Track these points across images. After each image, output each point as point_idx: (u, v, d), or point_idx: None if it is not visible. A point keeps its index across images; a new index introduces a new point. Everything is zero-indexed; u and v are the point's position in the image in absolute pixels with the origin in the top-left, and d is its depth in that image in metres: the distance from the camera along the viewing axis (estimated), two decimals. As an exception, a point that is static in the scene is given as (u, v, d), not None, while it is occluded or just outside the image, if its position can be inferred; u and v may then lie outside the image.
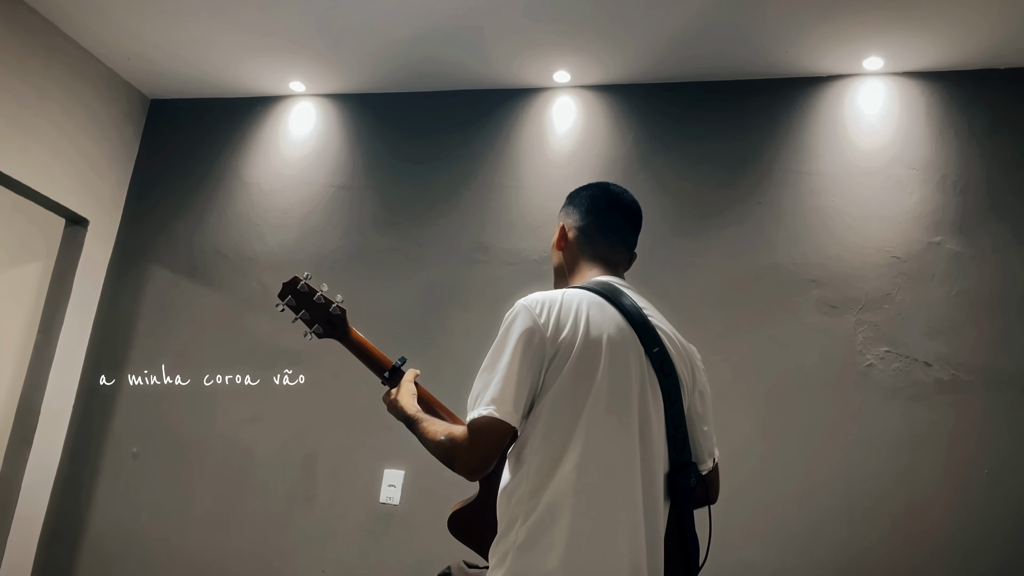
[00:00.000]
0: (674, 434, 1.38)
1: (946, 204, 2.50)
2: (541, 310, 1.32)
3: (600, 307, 1.36)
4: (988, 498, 2.25)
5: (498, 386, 1.27)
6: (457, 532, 1.54)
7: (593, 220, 1.51)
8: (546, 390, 1.30)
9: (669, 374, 1.38)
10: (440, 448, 1.34)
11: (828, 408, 2.42)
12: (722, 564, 2.38)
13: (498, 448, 1.27)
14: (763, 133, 2.72)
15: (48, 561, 2.98)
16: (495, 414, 1.25)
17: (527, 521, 1.25)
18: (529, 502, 1.26)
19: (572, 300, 1.35)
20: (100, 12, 2.87)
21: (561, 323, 1.32)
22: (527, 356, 1.29)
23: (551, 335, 1.30)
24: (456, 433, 1.32)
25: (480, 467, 1.28)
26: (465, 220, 2.91)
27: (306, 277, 1.68)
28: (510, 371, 1.27)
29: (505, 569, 1.24)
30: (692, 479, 1.39)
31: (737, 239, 2.64)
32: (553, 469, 1.26)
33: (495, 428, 1.26)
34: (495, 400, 1.26)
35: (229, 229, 3.17)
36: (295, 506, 2.78)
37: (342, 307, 1.68)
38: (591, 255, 1.50)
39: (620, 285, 1.45)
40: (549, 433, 1.28)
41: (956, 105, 2.58)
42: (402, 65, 2.97)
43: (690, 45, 2.66)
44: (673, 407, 1.38)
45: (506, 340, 1.31)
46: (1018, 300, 2.37)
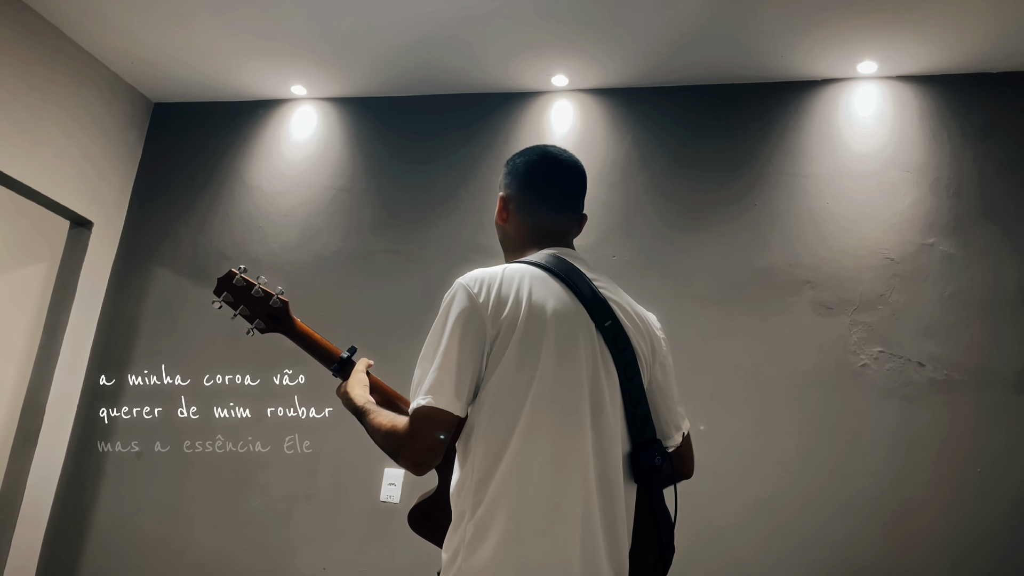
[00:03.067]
0: (634, 411, 1.28)
1: (939, 206, 2.53)
2: (480, 288, 1.23)
3: (544, 281, 1.27)
4: (981, 497, 2.27)
5: (435, 373, 1.18)
6: (417, 528, 1.45)
7: (533, 188, 1.39)
8: (490, 373, 1.21)
9: (624, 348, 1.28)
10: (384, 440, 1.26)
11: (822, 408, 2.44)
12: (717, 562, 2.41)
13: (441, 438, 1.18)
14: (758, 136, 2.75)
15: (52, 559, 3.01)
16: (433, 403, 1.17)
17: (475, 515, 1.18)
18: (476, 495, 1.19)
19: (513, 276, 1.26)
20: (104, 16, 2.90)
21: (501, 300, 1.22)
22: (466, 338, 1.20)
23: (491, 314, 1.21)
24: (399, 425, 1.23)
25: (424, 460, 1.20)
26: (464, 222, 2.94)
27: (241, 270, 1.60)
28: (447, 356, 1.19)
29: (457, 566, 1.18)
30: (656, 457, 1.29)
31: (732, 241, 2.67)
32: (498, 458, 1.18)
33: (435, 418, 1.17)
34: (432, 388, 1.18)
35: (231, 231, 3.20)
36: (296, 505, 2.81)
37: (283, 299, 1.59)
38: (535, 225, 1.39)
39: (568, 257, 1.34)
40: (493, 420, 1.20)
41: (949, 109, 2.60)
42: (402, 69, 3.00)
43: (686, 49, 2.69)
44: (631, 383, 1.28)
45: (444, 323, 1.22)
46: (1010, 301, 2.40)
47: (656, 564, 1.34)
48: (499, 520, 1.16)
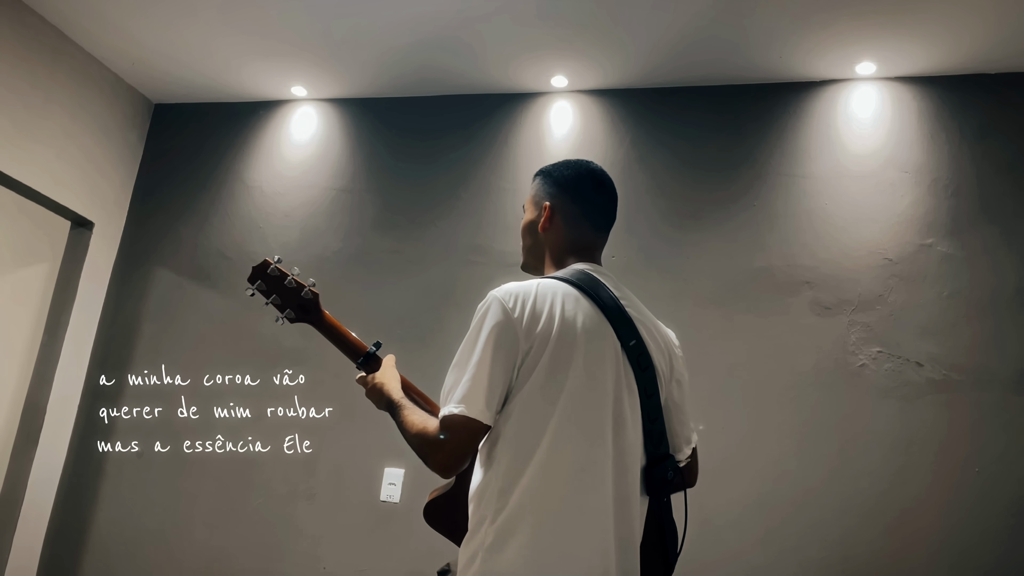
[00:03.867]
0: (651, 428, 1.34)
1: (938, 207, 2.54)
2: (515, 303, 1.27)
3: (575, 299, 1.31)
4: (980, 496, 2.27)
5: (469, 383, 1.22)
6: (432, 521, 1.49)
7: (581, 205, 1.44)
8: (519, 386, 1.25)
9: (646, 368, 1.33)
10: (415, 441, 1.30)
11: (821, 408, 2.45)
12: (716, 562, 2.41)
13: (470, 446, 1.24)
14: (757, 137, 2.75)
15: (53, 559, 3.01)
16: (466, 412, 1.21)
17: (495, 521, 1.21)
18: (498, 501, 1.22)
19: (547, 292, 1.30)
20: (105, 18, 2.91)
21: (535, 316, 1.26)
22: (499, 351, 1.24)
23: (525, 329, 1.25)
24: (430, 428, 1.27)
25: (453, 465, 1.24)
26: (463, 222, 2.95)
27: (276, 260, 1.62)
28: (481, 367, 1.23)
29: (474, 570, 1.21)
30: (669, 472, 1.35)
31: (731, 241, 2.68)
32: (523, 468, 1.23)
33: (466, 426, 1.22)
34: (466, 398, 1.22)
35: (232, 231, 3.21)
36: (296, 504, 2.82)
37: (314, 291, 1.62)
38: (574, 240, 1.44)
39: (597, 273, 1.39)
40: (520, 431, 1.24)
41: (947, 109, 2.61)
42: (402, 70, 3.00)
43: (685, 51, 2.70)
44: (650, 401, 1.34)
45: (478, 334, 1.26)
46: (1009, 301, 2.40)
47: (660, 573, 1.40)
48: (521, 528, 1.21)
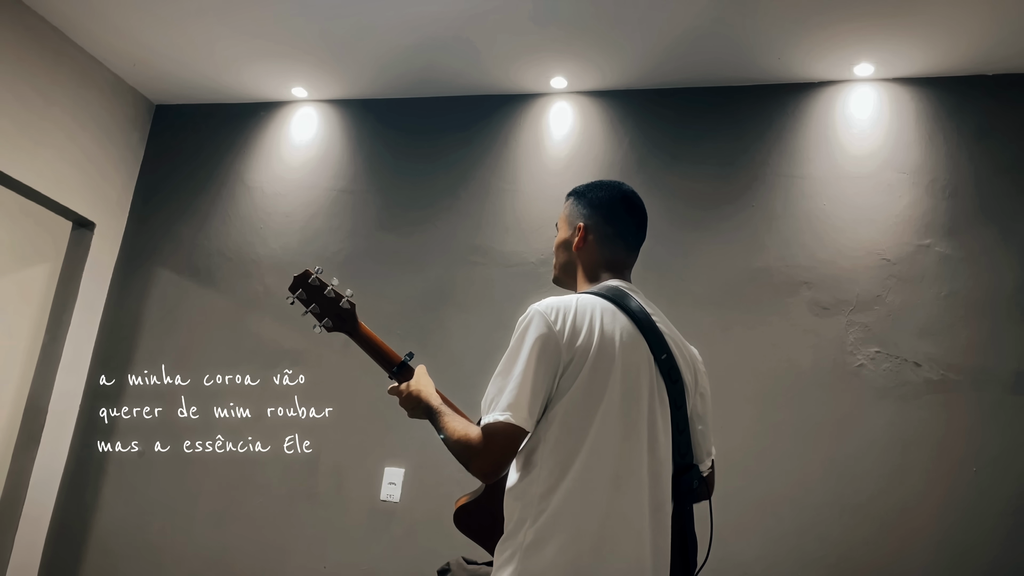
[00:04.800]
0: (678, 438, 1.41)
1: (935, 207, 2.55)
2: (556, 316, 1.34)
3: (612, 314, 1.39)
4: (977, 496, 2.28)
5: (514, 392, 1.28)
6: (462, 526, 1.55)
7: (614, 226, 1.52)
8: (560, 395, 1.32)
9: (676, 380, 1.41)
10: (457, 447, 1.34)
11: (820, 408, 2.46)
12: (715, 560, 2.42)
13: (512, 453, 1.29)
14: (756, 138, 2.76)
15: (55, 558, 3.02)
16: (511, 420, 1.26)
17: (536, 523, 1.27)
18: (539, 504, 1.28)
19: (586, 307, 1.37)
20: (106, 19, 2.93)
21: (576, 330, 1.33)
22: (542, 362, 1.30)
23: (566, 341, 1.32)
24: (472, 435, 1.31)
25: (494, 471, 1.30)
26: (463, 223, 2.96)
27: (317, 271, 1.68)
28: (525, 377, 1.29)
29: (512, 568, 1.26)
30: (695, 481, 1.42)
31: (730, 242, 2.68)
32: (564, 473, 1.29)
33: (510, 434, 1.27)
34: (511, 406, 1.27)
35: (232, 232, 3.22)
36: (297, 504, 2.83)
37: (352, 301, 1.68)
38: (607, 259, 1.51)
39: (628, 289, 1.47)
40: (562, 438, 1.30)
41: (945, 110, 2.62)
42: (403, 71, 3.02)
43: (685, 52, 2.71)
44: (678, 412, 1.41)
45: (521, 345, 1.32)
46: (1006, 301, 2.41)
47: None
48: (561, 530, 1.26)
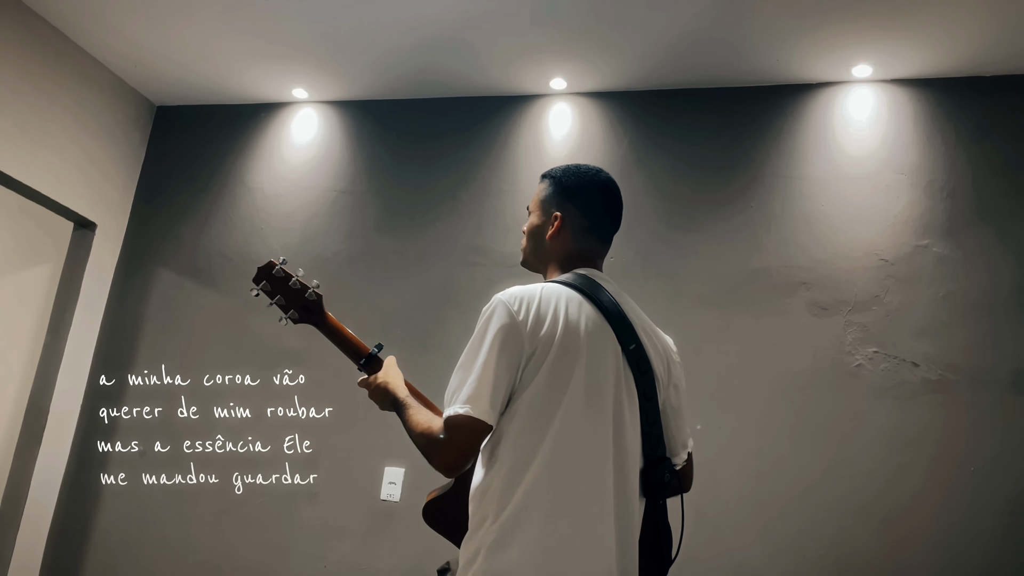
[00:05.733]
0: (648, 430, 1.37)
1: (933, 208, 2.55)
2: (519, 306, 1.30)
3: (578, 303, 1.34)
4: (975, 495, 2.29)
5: (474, 384, 1.24)
6: (431, 521, 1.52)
7: (591, 219, 1.47)
8: (523, 387, 1.28)
9: (645, 371, 1.36)
10: (420, 440, 1.31)
11: (818, 408, 2.46)
12: (713, 560, 2.43)
13: (474, 446, 1.25)
14: (754, 139, 2.77)
15: (56, 558, 3.03)
16: (471, 413, 1.23)
17: (498, 520, 1.24)
18: (500, 500, 1.25)
19: (551, 296, 1.33)
20: (107, 20, 2.94)
21: (540, 319, 1.29)
22: (504, 353, 1.26)
23: (529, 332, 1.28)
24: (435, 428, 1.28)
25: (457, 465, 1.26)
26: (463, 223, 2.97)
27: (281, 262, 1.64)
28: (486, 368, 1.25)
29: (475, 568, 1.23)
30: (666, 474, 1.38)
31: (729, 242, 2.69)
32: (525, 468, 1.25)
33: (471, 427, 1.23)
34: (470, 399, 1.24)
35: (233, 232, 3.23)
36: (297, 503, 2.84)
37: (318, 292, 1.64)
38: (582, 249, 1.46)
39: (598, 278, 1.42)
40: (523, 432, 1.27)
41: (943, 111, 2.63)
42: (403, 73, 3.03)
43: (684, 53, 2.72)
44: (648, 404, 1.37)
45: (484, 336, 1.28)
46: (1004, 302, 2.42)
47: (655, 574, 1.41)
48: (524, 526, 1.23)
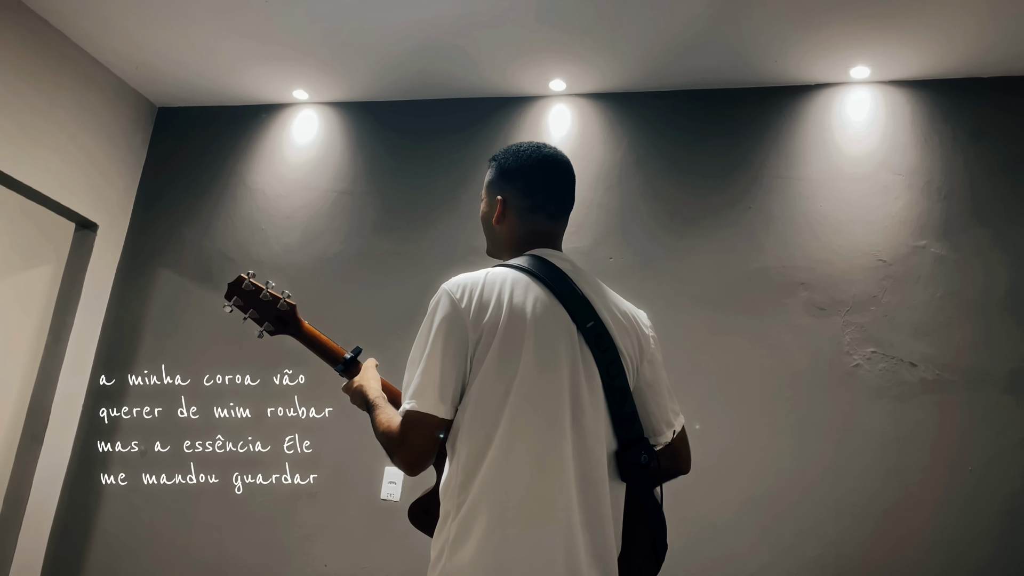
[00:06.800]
0: (619, 411, 1.30)
1: (931, 209, 2.57)
2: (462, 293, 1.26)
3: (525, 285, 1.29)
4: (972, 495, 2.30)
5: (419, 378, 1.22)
6: (415, 521, 1.50)
7: (533, 197, 1.39)
8: (472, 377, 1.24)
9: (606, 349, 1.30)
10: (382, 440, 1.28)
11: (816, 407, 2.47)
12: (712, 559, 2.44)
13: (429, 442, 1.22)
14: (753, 140, 2.78)
15: (58, 557, 3.05)
16: (416, 407, 1.21)
17: (458, 515, 1.20)
18: (459, 495, 1.21)
19: (495, 280, 1.28)
20: (108, 22, 2.95)
21: (483, 305, 1.25)
22: (449, 343, 1.23)
23: (473, 319, 1.24)
24: (393, 426, 1.25)
25: (415, 462, 1.23)
26: (462, 224, 2.98)
27: (250, 275, 1.65)
28: (431, 361, 1.22)
29: (441, 566, 1.20)
30: (642, 455, 1.29)
31: (727, 243, 2.70)
32: (479, 460, 1.21)
33: (421, 422, 1.21)
34: (416, 393, 1.21)
35: (234, 233, 3.25)
36: (297, 503, 2.85)
37: (290, 302, 1.63)
38: (531, 231, 1.40)
39: (552, 259, 1.36)
40: (475, 423, 1.23)
41: (940, 113, 2.64)
42: (403, 74, 3.04)
43: (682, 55, 2.73)
44: (614, 382, 1.30)
45: (429, 329, 1.25)
46: (1001, 302, 2.43)
47: (647, 559, 1.35)
48: (480, 520, 1.19)
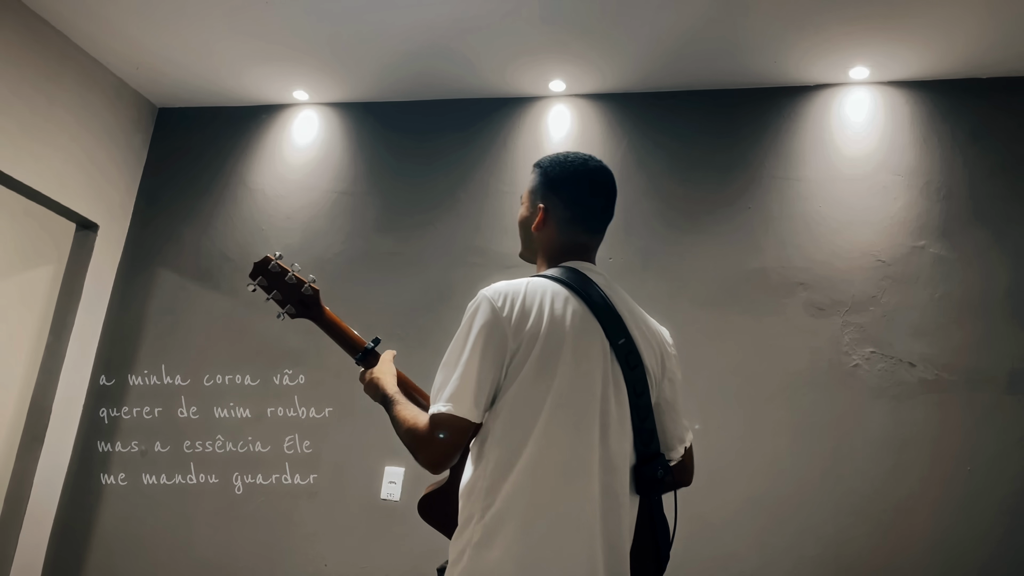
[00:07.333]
0: (640, 426, 1.35)
1: (930, 209, 2.57)
2: (504, 302, 1.29)
3: (564, 298, 1.32)
4: (972, 495, 2.30)
5: (458, 382, 1.24)
6: (426, 515, 1.52)
7: (573, 210, 1.43)
8: (508, 384, 1.27)
9: (635, 366, 1.34)
10: (406, 437, 1.31)
11: (815, 408, 2.48)
12: (711, 559, 2.44)
13: (458, 444, 1.25)
14: (752, 140, 2.79)
15: (59, 557, 3.05)
16: (453, 411, 1.23)
17: (483, 518, 1.23)
18: (486, 499, 1.24)
19: (536, 291, 1.31)
20: (109, 23, 2.95)
21: (524, 315, 1.28)
22: (488, 350, 1.26)
23: (514, 328, 1.27)
24: (420, 424, 1.28)
25: (441, 462, 1.26)
26: (462, 224, 2.99)
27: (277, 256, 1.64)
28: (470, 366, 1.25)
29: (462, 567, 1.23)
30: (659, 470, 1.35)
31: (727, 243, 2.71)
32: (510, 467, 1.24)
33: (454, 425, 1.23)
34: (454, 396, 1.24)
35: (235, 233, 3.25)
36: (297, 503, 2.85)
37: (315, 287, 1.63)
38: (569, 243, 1.43)
39: (588, 272, 1.40)
40: (508, 430, 1.26)
41: (939, 113, 2.64)
42: (403, 75, 3.04)
43: (682, 55, 2.73)
44: (639, 399, 1.34)
45: (468, 333, 1.28)
46: (1000, 302, 2.43)
47: (651, 570, 1.41)
48: (508, 525, 1.22)
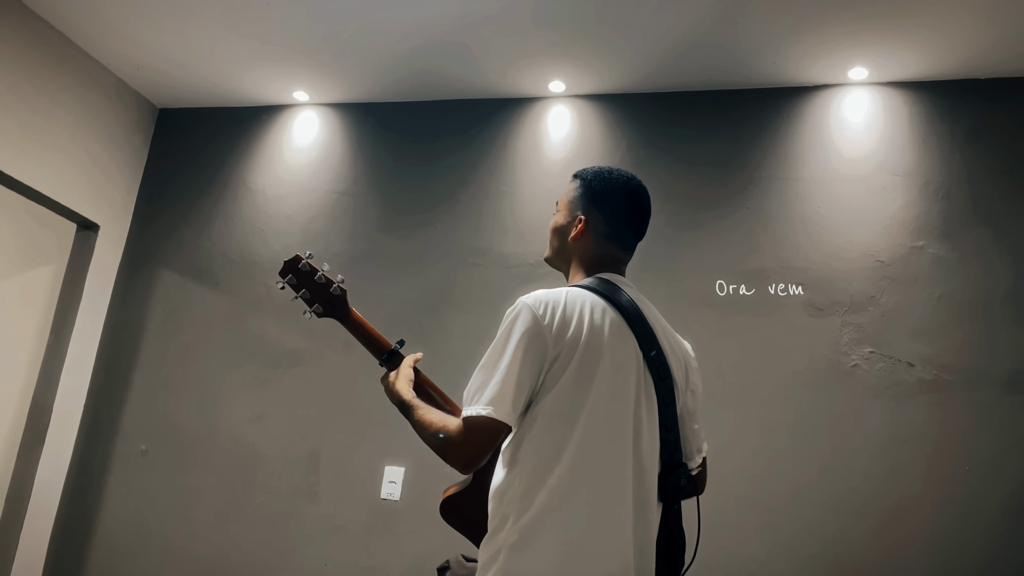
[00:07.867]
0: (666, 436, 1.38)
1: (929, 209, 2.58)
2: (544, 310, 1.31)
3: (602, 309, 1.36)
4: (971, 495, 2.31)
5: (498, 386, 1.26)
6: (449, 517, 1.54)
7: (614, 225, 1.47)
8: (545, 391, 1.30)
9: (665, 378, 1.38)
10: (434, 440, 1.33)
11: (814, 407, 2.48)
12: (711, 558, 2.44)
13: (492, 445, 1.27)
14: (751, 141, 2.79)
15: (59, 557, 3.05)
16: (493, 414, 1.25)
17: (519, 521, 1.26)
18: (522, 502, 1.27)
19: (575, 301, 1.34)
20: (110, 23, 2.96)
21: (565, 324, 1.31)
22: (528, 356, 1.28)
23: (554, 336, 1.30)
24: (451, 427, 1.30)
25: (474, 463, 1.29)
26: (462, 224, 2.99)
27: (308, 256, 1.65)
28: (510, 371, 1.27)
29: (497, 567, 1.25)
30: (683, 479, 1.40)
31: (726, 243, 2.71)
32: (548, 471, 1.27)
33: (492, 428, 1.25)
34: (493, 400, 1.25)
35: (235, 234, 3.26)
36: (298, 502, 2.86)
37: (343, 287, 1.65)
38: (604, 255, 1.47)
39: (621, 283, 1.44)
40: (546, 435, 1.29)
41: (938, 114, 2.65)
42: (403, 76, 3.05)
43: (682, 56, 2.74)
44: (667, 410, 1.38)
45: (508, 338, 1.30)
46: (999, 302, 2.44)
47: None
48: (546, 528, 1.25)
